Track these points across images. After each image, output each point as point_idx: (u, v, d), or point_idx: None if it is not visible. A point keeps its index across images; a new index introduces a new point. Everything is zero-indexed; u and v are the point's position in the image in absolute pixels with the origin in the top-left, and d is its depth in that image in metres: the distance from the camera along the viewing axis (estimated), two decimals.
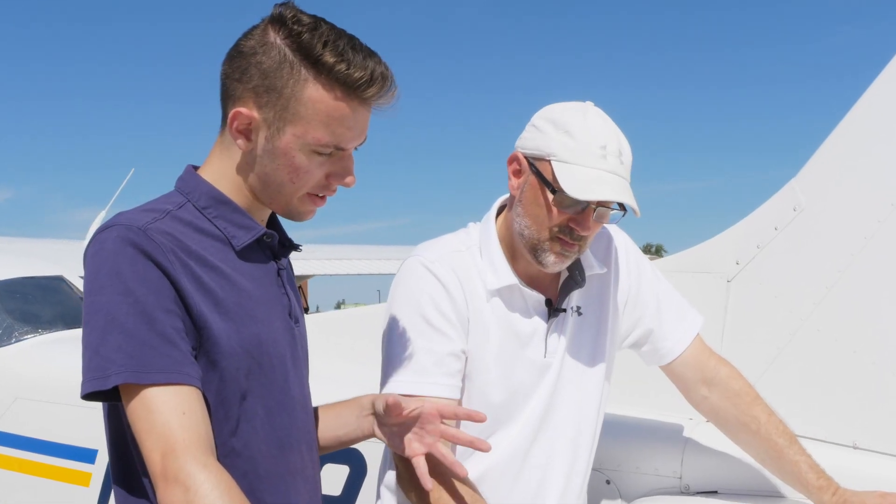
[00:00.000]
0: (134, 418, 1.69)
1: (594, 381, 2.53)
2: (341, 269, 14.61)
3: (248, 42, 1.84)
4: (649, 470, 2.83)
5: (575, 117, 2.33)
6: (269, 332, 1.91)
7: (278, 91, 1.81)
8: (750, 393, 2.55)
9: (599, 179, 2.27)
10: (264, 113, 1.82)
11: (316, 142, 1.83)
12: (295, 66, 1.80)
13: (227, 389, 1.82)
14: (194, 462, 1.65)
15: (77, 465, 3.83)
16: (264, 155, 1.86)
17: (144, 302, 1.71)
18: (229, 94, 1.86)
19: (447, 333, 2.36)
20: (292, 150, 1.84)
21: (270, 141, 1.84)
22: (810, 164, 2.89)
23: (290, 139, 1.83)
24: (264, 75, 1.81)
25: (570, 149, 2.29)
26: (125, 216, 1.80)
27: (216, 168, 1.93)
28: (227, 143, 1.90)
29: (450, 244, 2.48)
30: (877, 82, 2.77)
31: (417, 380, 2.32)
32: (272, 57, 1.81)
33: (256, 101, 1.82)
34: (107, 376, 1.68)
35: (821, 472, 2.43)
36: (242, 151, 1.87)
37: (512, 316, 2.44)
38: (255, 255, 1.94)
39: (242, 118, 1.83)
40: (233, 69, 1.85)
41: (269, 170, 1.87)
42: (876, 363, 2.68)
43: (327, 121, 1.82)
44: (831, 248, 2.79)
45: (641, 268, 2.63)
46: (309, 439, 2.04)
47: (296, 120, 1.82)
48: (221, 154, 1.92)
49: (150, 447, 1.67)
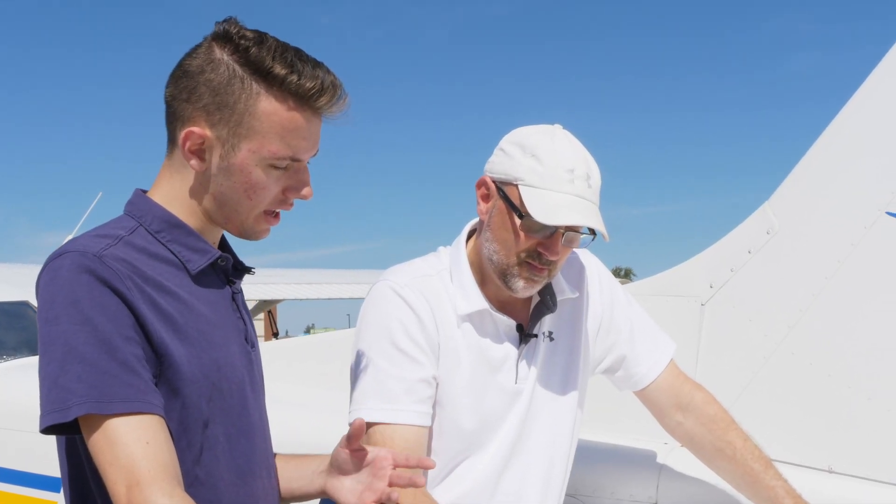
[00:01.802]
0: (96, 450, 1.65)
1: (566, 407, 2.51)
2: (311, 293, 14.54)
3: (193, 61, 1.82)
4: (625, 496, 2.81)
5: (542, 141, 2.31)
6: (227, 356, 1.88)
7: (230, 107, 1.78)
8: (725, 418, 2.53)
9: (567, 204, 2.25)
10: (217, 131, 1.80)
11: (272, 155, 1.80)
12: (245, 80, 1.78)
13: (190, 417, 1.79)
14: (160, 493, 1.61)
15: (42, 494, 3.77)
16: (219, 174, 1.83)
17: (103, 330, 1.67)
18: (178, 116, 1.83)
19: (417, 360, 2.33)
20: (249, 166, 1.81)
21: (225, 159, 1.81)
22: (783, 188, 2.89)
23: (246, 155, 1.80)
24: (214, 92, 1.79)
25: (538, 173, 2.27)
26: (78, 242, 1.76)
27: (166, 191, 1.89)
28: (178, 164, 1.86)
29: (420, 269, 2.46)
30: (848, 106, 2.79)
31: (387, 407, 2.28)
32: (221, 73, 1.78)
33: (208, 119, 1.80)
34: (67, 408, 1.63)
35: (797, 496, 2.42)
36: (196, 172, 1.84)
37: (483, 341, 2.42)
38: (209, 279, 1.91)
39: (195, 138, 1.80)
40: (179, 90, 1.82)
41: (224, 188, 1.84)
42: (850, 387, 2.68)
43: (282, 133, 1.80)
44: (805, 272, 2.78)
45: (614, 293, 2.62)
46: (269, 465, 2.01)
47: (251, 135, 1.79)
48: (171, 176, 1.89)
49: (114, 479, 1.62)
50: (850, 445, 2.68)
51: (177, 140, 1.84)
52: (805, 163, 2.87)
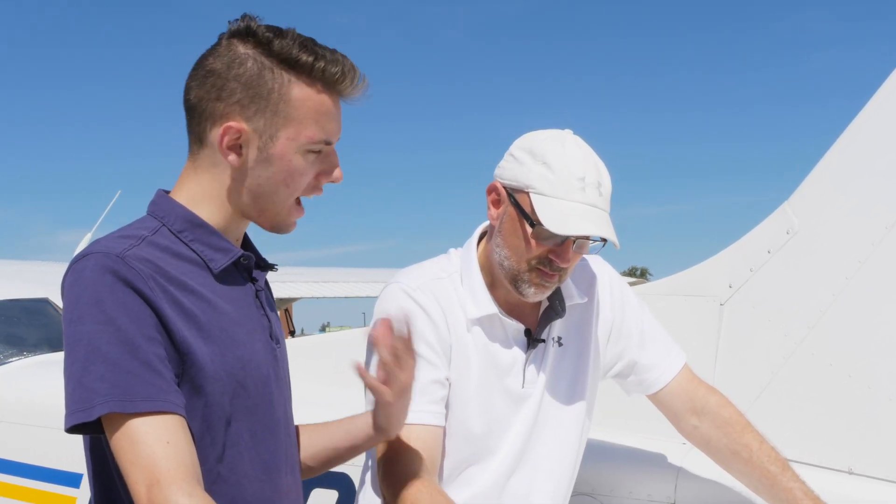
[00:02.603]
0: (118, 450, 1.66)
1: (574, 412, 2.51)
2: (326, 291, 14.56)
3: (217, 61, 1.84)
4: (642, 495, 2.80)
5: (553, 148, 2.31)
6: (252, 354, 1.89)
7: (265, 97, 1.82)
8: (740, 421, 2.53)
9: (578, 213, 2.26)
10: (254, 123, 1.82)
11: (309, 140, 1.85)
12: (275, 70, 1.82)
13: (213, 415, 1.80)
14: (180, 492, 1.61)
15: (62, 490, 3.79)
16: (257, 166, 1.85)
17: (126, 330, 1.68)
18: (207, 115, 1.85)
19: (431, 361, 2.34)
20: (288, 154, 1.85)
21: (264, 150, 1.84)
22: (804, 187, 2.88)
23: (285, 143, 1.84)
24: (246, 86, 1.82)
25: (549, 181, 2.28)
26: (101, 244, 1.78)
27: (193, 191, 1.90)
28: (206, 164, 1.88)
29: (431, 271, 2.46)
30: (869, 105, 2.78)
31: None
32: (249, 67, 1.82)
33: (243, 113, 1.82)
34: (91, 407, 1.65)
35: (816, 498, 2.41)
36: (232, 168, 1.86)
37: (492, 345, 2.42)
38: (232, 277, 1.92)
39: (232, 133, 1.82)
40: (206, 90, 1.84)
41: (262, 180, 1.86)
42: (871, 387, 2.67)
43: (316, 117, 1.85)
44: (825, 272, 2.78)
45: (625, 299, 2.62)
46: (293, 462, 2.02)
47: (288, 122, 1.83)
48: (199, 176, 1.90)
49: (135, 479, 1.63)
50: (871, 446, 2.67)
51: (204, 140, 1.86)
52: (825, 162, 2.86)
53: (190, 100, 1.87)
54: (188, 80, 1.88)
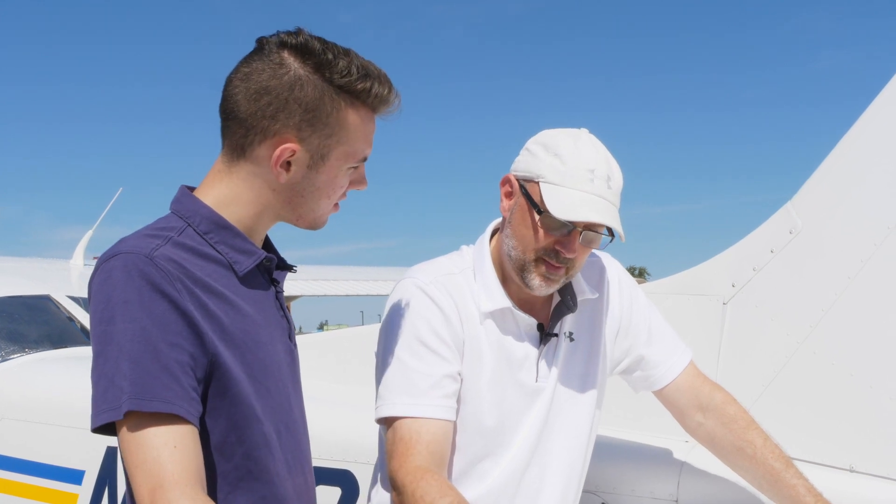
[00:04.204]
0: (125, 451, 1.68)
1: (586, 406, 2.53)
2: (325, 290, 14.57)
3: (273, 79, 1.84)
4: (645, 492, 2.81)
5: (566, 142, 2.35)
6: (273, 355, 1.92)
7: (323, 121, 1.86)
8: (745, 418, 2.54)
9: (585, 202, 2.28)
10: (307, 144, 1.87)
11: (356, 159, 1.93)
12: (334, 97, 1.86)
13: (238, 414, 1.82)
14: (182, 497, 1.62)
15: (64, 487, 3.79)
16: (303, 180, 1.90)
17: (150, 332, 1.70)
18: (259, 131, 1.86)
19: (443, 356, 2.35)
20: (336, 170, 1.92)
21: (314, 167, 1.89)
22: (807, 187, 2.89)
23: (335, 162, 1.90)
24: (306, 109, 1.85)
25: (559, 171, 2.31)
26: (129, 243, 1.79)
27: (224, 195, 1.91)
28: (244, 173, 1.89)
29: (444, 267, 2.48)
30: (873, 105, 2.78)
31: (413, 402, 2.31)
32: (310, 92, 1.85)
33: (298, 134, 1.86)
34: (119, 406, 1.66)
35: (818, 495, 2.42)
36: (279, 182, 1.89)
37: (505, 339, 2.44)
38: (255, 279, 1.94)
39: (287, 153, 1.86)
40: (261, 107, 1.85)
41: (306, 193, 1.91)
42: (873, 386, 2.67)
43: (365, 137, 1.93)
44: (828, 271, 2.78)
45: (634, 296, 2.64)
46: (308, 460, 2.05)
47: (340, 144, 1.89)
48: (232, 181, 1.91)
49: (139, 481, 1.64)
50: (872, 445, 2.68)
51: (247, 152, 1.88)
52: (829, 162, 2.86)
53: (238, 112, 1.87)
54: (233, 88, 1.87)
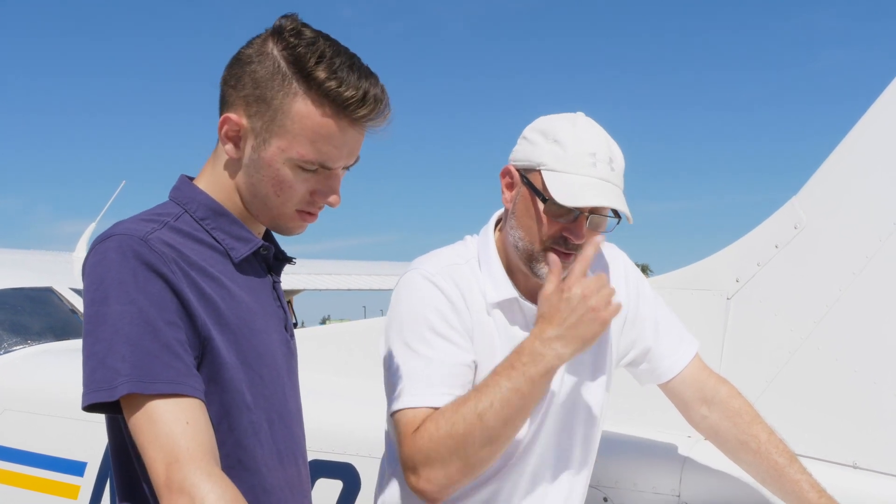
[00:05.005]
0: (136, 430, 1.66)
1: (594, 397, 2.52)
2: (328, 284, 14.59)
3: (247, 50, 1.84)
4: (647, 487, 2.81)
5: (564, 127, 2.32)
6: (268, 344, 1.90)
7: (267, 102, 1.80)
8: (750, 412, 2.53)
9: (590, 186, 2.26)
10: (252, 122, 1.82)
11: (300, 157, 1.81)
12: (287, 78, 1.79)
13: (231, 401, 1.81)
14: (199, 472, 1.62)
15: (66, 478, 3.79)
16: (250, 164, 1.85)
17: (147, 313, 1.68)
18: (224, 100, 1.86)
19: (457, 343, 2.32)
20: (276, 163, 1.82)
21: (256, 151, 1.83)
22: (812, 183, 2.88)
23: (275, 152, 1.81)
24: (256, 84, 1.80)
25: (560, 158, 2.28)
26: (124, 226, 1.78)
27: (209, 178, 1.91)
28: (219, 150, 1.89)
29: (448, 257, 2.46)
30: (878, 102, 2.77)
31: (432, 392, 2.26)
32: (266, 67, 1.80)
33: (246, 109, 1.82)
34: (113, 387, 1.65)
35: (822, 491, 2.41)
36: (230, 158, 1.86)
37: (512, 329, 2.42)
38: (252, 267, 1.93)
39: (231, 124, 1.83)
40: (230, 75, 1.85)
41: (254, 180, 1.86)
42: (877, 382, 2.67)
43: (313, 137, 1.80)
44: (832, 267, 2.78)
45: (640, 288, 2.62)
46: (303, 453, 2.03)
47: (282, 133, 1.80)
48: (214, 162, 1.91)
49: (153, 457, 1.64)
50: (876, 441, 2.67)
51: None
52: (834, 158, 2.86)
53: (220, 81, 1.88)
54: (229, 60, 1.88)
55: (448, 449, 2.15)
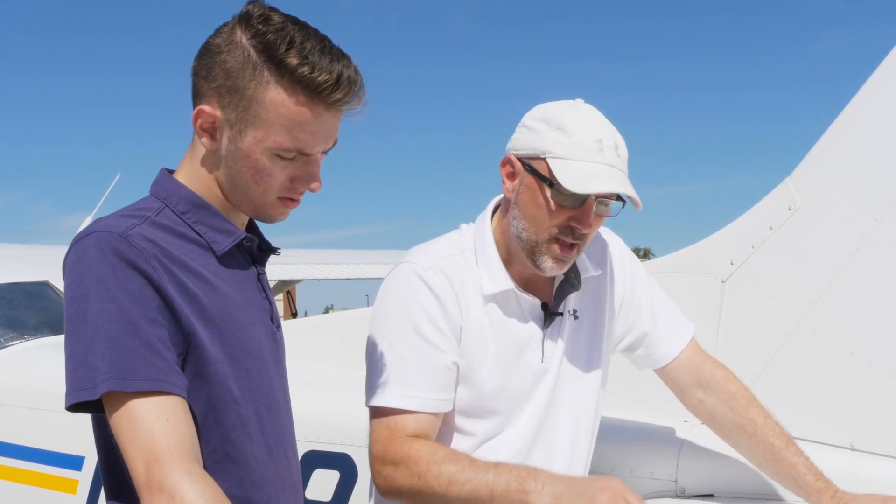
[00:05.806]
0: (117, 428, 1.65)
1: (591, 384, 2.51)
2: (330, 273, 14.58)
3: (215, 40, 1.81)
4: (644, 473, 2.80)
5: (567, 114, 2.30)
6: (253, 337, 1.88)
7: (240, 92, 1.77)
8: (746, 395, 2.52)
9: (598, 173, 2.24)
10: (227, 113, 1.79)
11: (277, 146, 1.79)
12: (258, 67, 1.76)
13: (217, 395, 1.79)
14: (179, 470, 1.60)
15: (64, 472, 3.79)
16: (228, 155, 1.82)
17: (128, 310, 1.67)
18: (196, 92, 1.83)
19: (439, 346, 2.32)
20: (254, 153, 1.80)
21: (233, 142, 1.80)
22: (805, 163, 2.86)
23: (252, 142, 1.79)
24: (227, 75, 1.77)
25: (566, 145, 2.26)
26: (103, 223, 1.76)
27: (188, 170, 1.89)
28: (196, 142, 1.86)
29: (443, 248, 2.44)
30: (871, 80, 2.75)
31: (406, 393, 2.28)
32: (236, 56, 1.77)
33: (220, 100, 1.79)
34: (95, 386, 1.64)
35: (819, 474, 2.40)
36: (207, 150, 1.84)
37: (508, 321, 2.41)
38: (235, 260, 1.91)
39: (206, 116, 1.80)
40: (201, 66, 1.82)
41: (233, 171, 1.83)
42: (874, 364, 2.66)
43: (289, 125, 1.77)
44: (827, 248, 2.76)
45: (636, 272, 2.61)
46: (292, 445, 2.02)
47: (257, 123, 1.77)
48: (192, 155, 1.89)
49: (133, 456, 1.62)
50: (873, 423, 2.66)
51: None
52: (828, 137, 2.84)
53: (191, 71, 1.84)
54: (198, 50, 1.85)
55: (412, 484, 2.23)
